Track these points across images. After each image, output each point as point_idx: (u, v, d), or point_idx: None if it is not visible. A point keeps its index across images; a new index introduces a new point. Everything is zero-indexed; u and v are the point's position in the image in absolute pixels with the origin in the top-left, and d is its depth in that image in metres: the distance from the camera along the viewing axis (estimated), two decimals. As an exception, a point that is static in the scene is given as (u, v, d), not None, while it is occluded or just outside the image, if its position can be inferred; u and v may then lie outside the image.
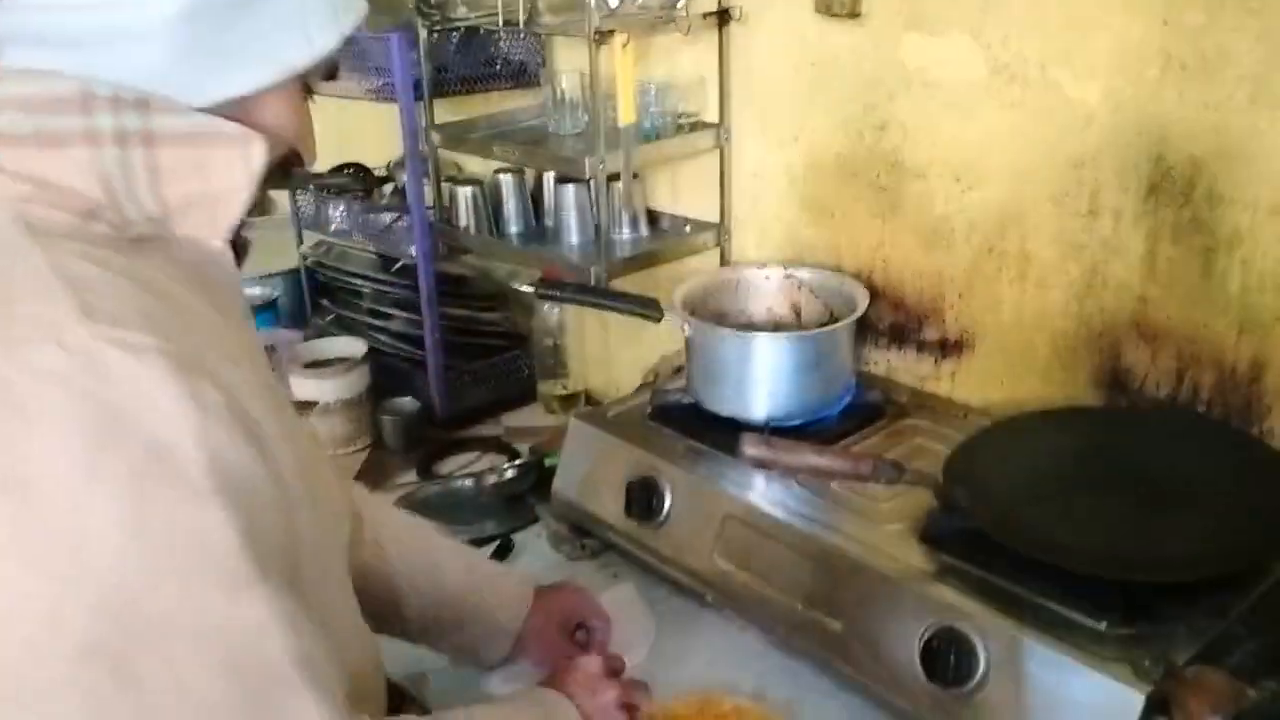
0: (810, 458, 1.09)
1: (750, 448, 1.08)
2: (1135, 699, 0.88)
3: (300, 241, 2.00)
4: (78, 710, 0.60)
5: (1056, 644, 0.94)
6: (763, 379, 1.30)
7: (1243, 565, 1.01)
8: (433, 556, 1.09)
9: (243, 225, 0.76)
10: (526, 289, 1.36)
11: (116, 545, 0.60)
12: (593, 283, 1.47)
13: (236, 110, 0.72)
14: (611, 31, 1.38)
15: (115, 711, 0.60)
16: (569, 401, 1.79)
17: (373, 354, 1.74)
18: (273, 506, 0.67)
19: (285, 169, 0.78)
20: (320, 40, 0.74)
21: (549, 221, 1.68)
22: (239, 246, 0.77)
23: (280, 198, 2.46)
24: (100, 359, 0.61)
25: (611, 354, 1.88)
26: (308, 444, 0.80)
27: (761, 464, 1.10)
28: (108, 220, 0.70)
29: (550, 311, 1.79)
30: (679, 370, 1.52)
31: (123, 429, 0.60)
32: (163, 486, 0.61)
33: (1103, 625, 0.95)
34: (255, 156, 0.72)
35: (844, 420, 1.34)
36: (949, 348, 1.41)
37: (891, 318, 1.45)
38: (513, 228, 1.70)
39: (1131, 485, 1.11)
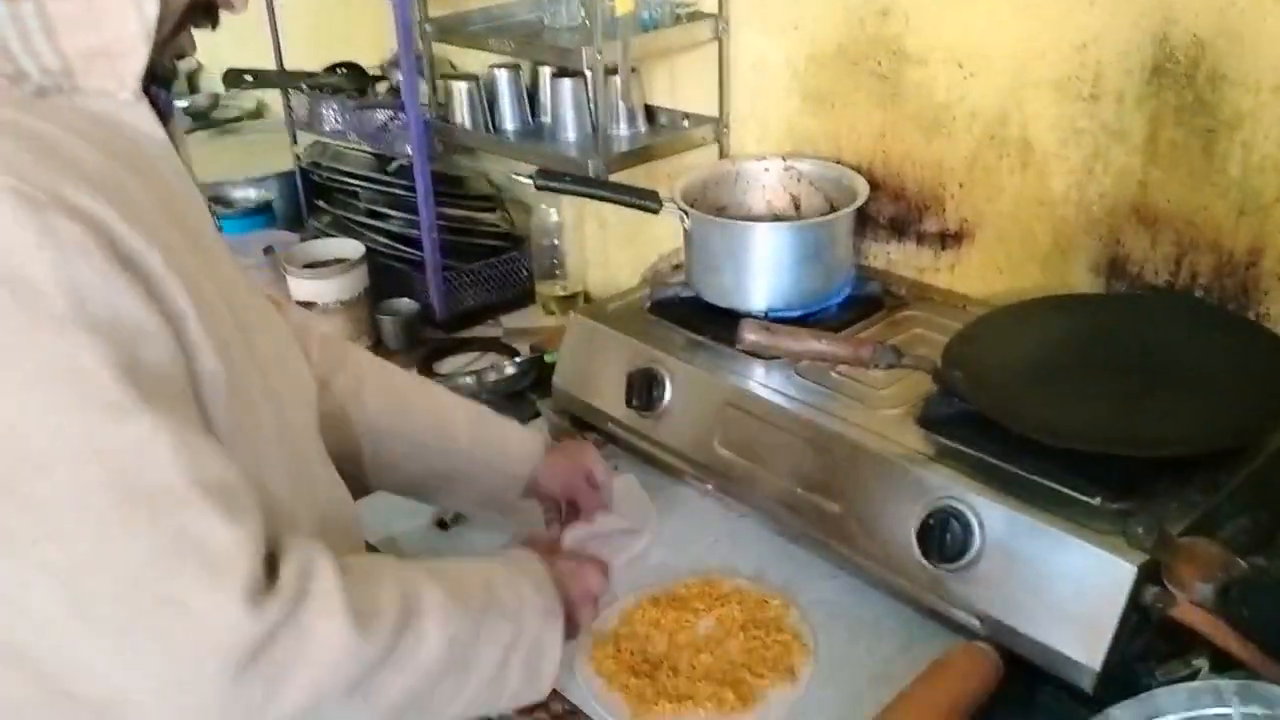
0: (809, 343, 1.09)
1: (750, 333, 1.09)
2: (1128, 569, 0.91)
3: (294, 143, 1.98)
4: None
5: (1051, 519, 0.95)
6: (762, 270, 1.30)
7: (1234, 442, 1.02)
8: (442, 414, 1.11)
9: (163, 83, 0.77)
10: (525, 180, 1.35)
11: None
12: (590, 176, 1.46)
13: None
14: (607, -83, 1.35)
15: (16, 529, 0.63)
16: (567, 302, 1.80)
17: (370, 255, 1.74)
18: (156, 339, 0.68)
19: (210, 10, 0.78)
20: None
21: (545, 118, 1.66)
22: (158, 104, 0.77)
23: (273, 100, 2.44)
24: None
25: (610, 255, 1.87)
26: (246, 298, 0.82)
27: (761, 349, 1.11)
28: (2, 73, 0.71)
29: (548, 211, 1.78)
30: (678, 267, 1.52)
31: None
32: (23, 318, 0.63)
33: (1097, 500, 0.97)
34: (148, 4, 0.72)
35: (843, 311, 1.34)
36: (949, 239, 1.41)
37: (892, 210, 1.45)
38: (509, 125, 1.68)
39: (1128, 368, 1.12)
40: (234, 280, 0.82)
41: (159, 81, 0.77)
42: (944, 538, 0.99)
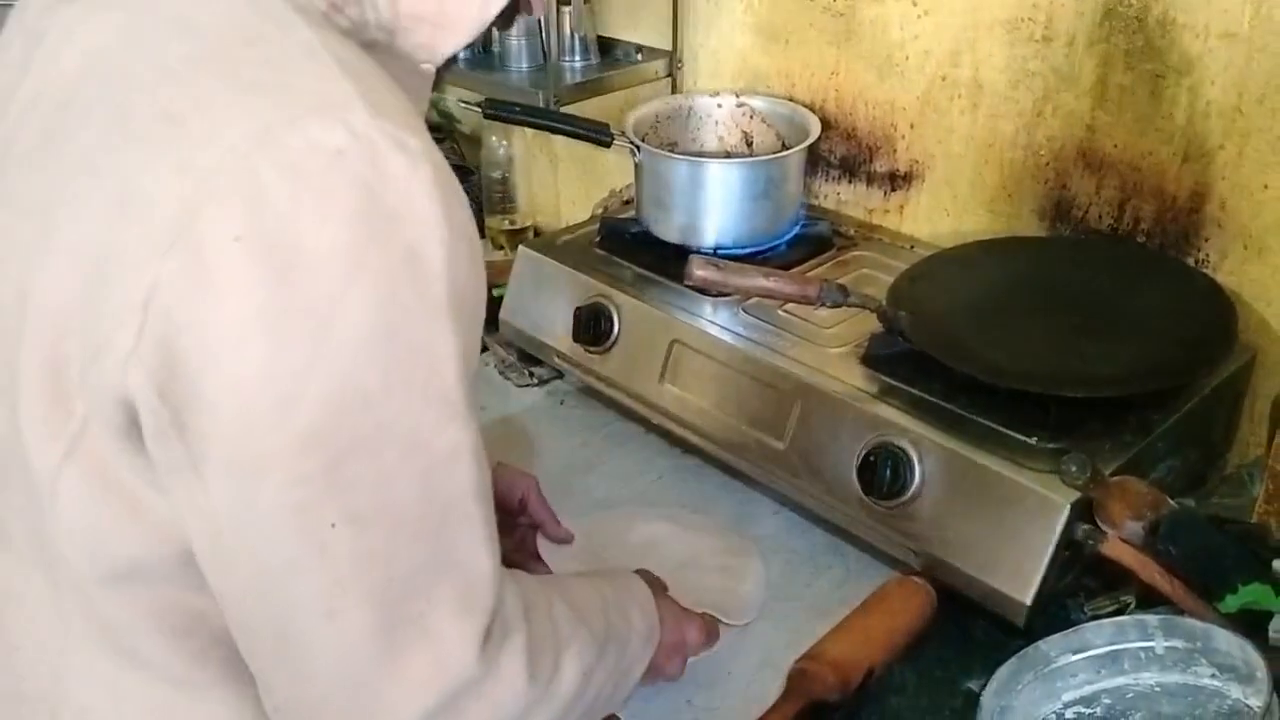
0: (757, 280, 1.09)
1: (699, 269, 1.08)
2: (1061, 506, 0.92)
3: (237, 68, 1.93)
4: (289, 498, 0.58)
5: (988, 457, 0.97)
6: (713, 206, 1.30)
7: (1166, 384, 1.04)
8: None
9: (449, 60, 0.74)
10: (474, 108, 1.32)
11: (361, 341, 0.58)
12: (541, 106, 1.44)
13: None
14: None
15: (323, 507, 0.59)
16: (516, 236, 1.77)
17: (316, 184, 1.70)
18: (476, 338, 0.66)
19: (510, 14, 0.76)
20: None
21: (496, 48, 1.63)
22: (437, 79, 0.75)
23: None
24: (382, 151, 0.58)
25: (560, 189, 1.86)
26: None
27: (709, 285, 1.10)
28: (349, 17, 0.67)
29: (498, 145, 1.76)
30: (628, 203, 1.51)
31: (390, 229, 0.58)
32: (412, 296, 0.59)
33: (1033, 440, 0.99)
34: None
35: (792, 250, 1.34)
36: (898, 180, 1.41)
37: (843, 149, 1.45)
38: (460, 53, 1.64)
39: (1068, 311, 1.14)
40: None
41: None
42: (884, 474, 1.00)
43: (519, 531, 1.07)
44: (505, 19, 0.76)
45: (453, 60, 0.75)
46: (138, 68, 0.63)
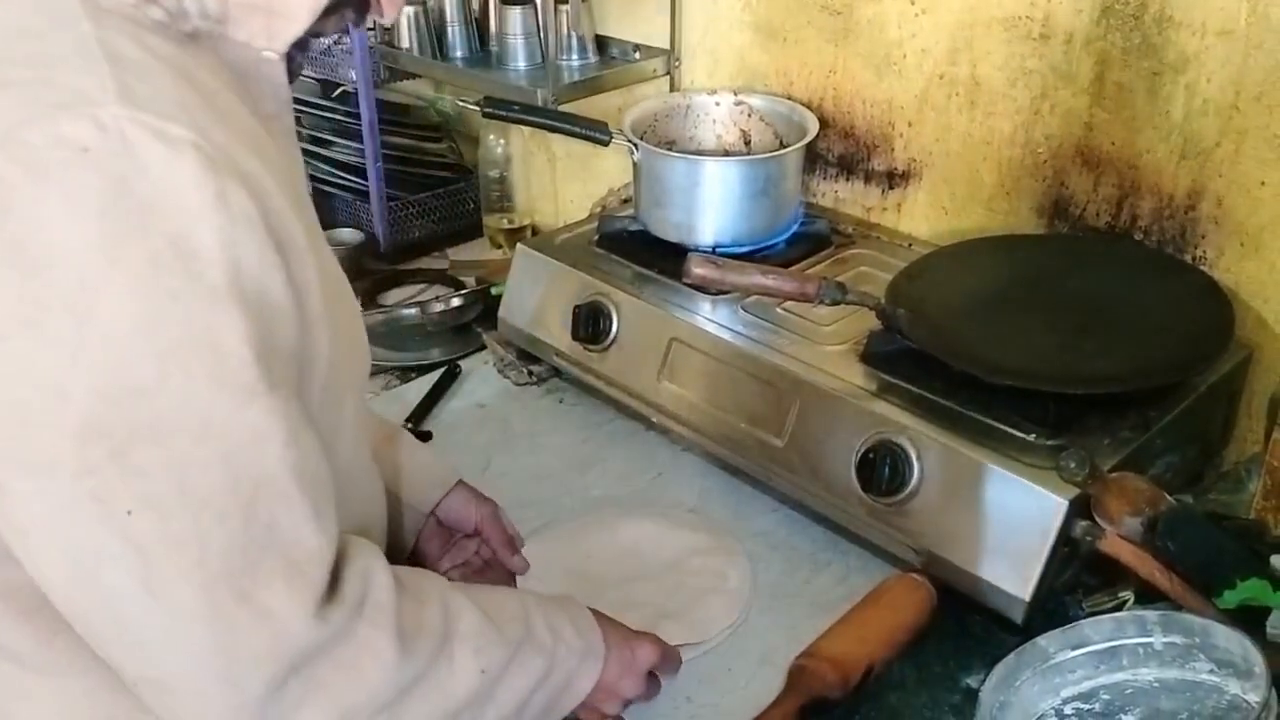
0: (756, 278, 1.09)
1: (697, 267, 1.08)
2: (1059, 503, 0.93)
3: (235, 67, 1.92)
4: (81, 489, 0.60)
5: (987, 454, 0.97)
6: (711, 204, 1.30)
7: (1164, 381, 1.05)
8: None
9: (302, 46, 0.74)
10: (472, 107, 1.32)
11: (125, 333, 0.59)
12: (539, 105, 1.44)
13: None
14: None
15: (116, 495, 0.60)
16: (515, 235, 1.77)
17: (313, 184, 1.70)
18: (288, 320, 0.65)
19: (360, 10, 0.76)
20: None
21: (494, 46, 1.63)
22: (292, 66, 0.74)
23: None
24: (135, 144, 0.58)
25: (558, 188, 1.85)
26: (336, 269, 0.78)
27: (708, 283, 1.11)
28: (164, 7, 0.67)
29: (496, 143, 1.75)
30: (626, 201, 1.51)
31: (148, 219, 0.58)
32: (180, 284, 0.59)
33: (1032, 436, 0.99)
34: None
35: (790, 248, 1.34)
36: (896, 178, 1.41)
37: (841, 148, 1.45)
38: (457, 52, 1.64)
39: (1066, 308, 1.14)
40: (320, 236, 0.77)
41: (297, 45, 0.73)
42: (883, 471, 1.01)
43: (473, 552, 1.03)
44: (357, 14, 0.76)
45: (304, 49, 0.75)
46: None
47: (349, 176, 1.76)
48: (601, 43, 1.61)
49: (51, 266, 0.58)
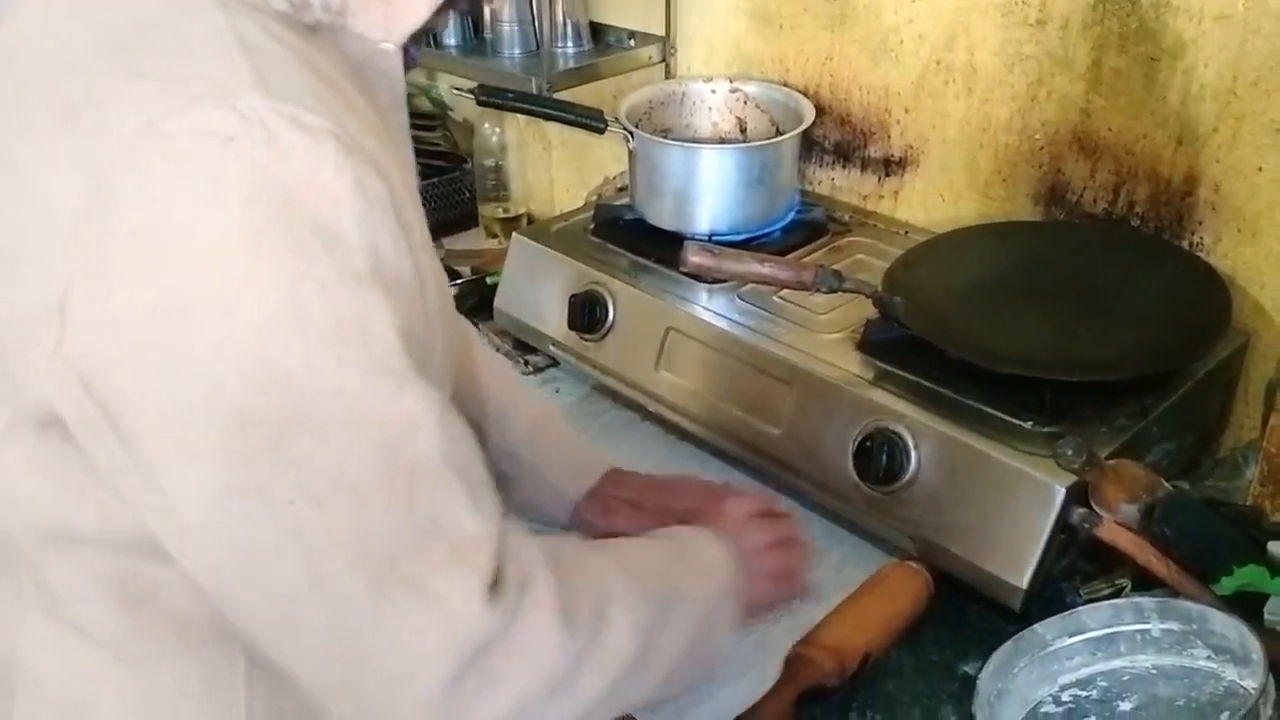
0: (752, 266, 1.09)
1: (693, 255, 1.08)
2: (1056, 490, 0.93)
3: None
4: (241, 480, 0.59)
5: (983, 442, 0.97)
6: (707, 192, 1.29)
7: (1161, 368, 1.04)
8: (504, 399, 1.04)
9: (418, 39, 0.74)
10: (467, 95, 1.32)
11: (273, 321, 0.58)
12: (534, 93, 1.43)
13: None
14: None
15: (274, 485, 0.59)
16: (510, 224, 1.77)
17: (308, 173, 1.69)
18: (419, 309, 0.65)
19: (475, 1, 0.76)
20: None
21: (488, 34, 1.62)
22: (407, 60, 0.74)
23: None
24: (276, 133, 0.58)
25: (554, 176, 1.85)
26: (440, 267, 0.77)
27: (704, 272, 1.10)
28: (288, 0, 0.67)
29: (491, 131, 1.75)
30: (622, 190, 1.50)
31: (291, 207, 0.58)
32: (326, 271, 0.59)
33: (1029, 424, 0.99)
34: None
35: (787, 236, 1.34)
36: (893, 165, 1.40)
37: (837, 135, 1.44)
38: (451, 40, 1.63)
39: (1064, 295, 1.14)
40: (426, 228, 0.77)
41: (412, 38, 0.73)
42: (880, 460, 1.00)
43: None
44: (472, 3, 0.76)
45: (428, 39, 0.75)
46: (43, 59, 0.63)
47: (343, 166, 1.75)
48: (596, 30, 1.60)
49: (198, 258, 0.57)
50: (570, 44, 1.57)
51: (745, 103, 1.44)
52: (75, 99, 0.60)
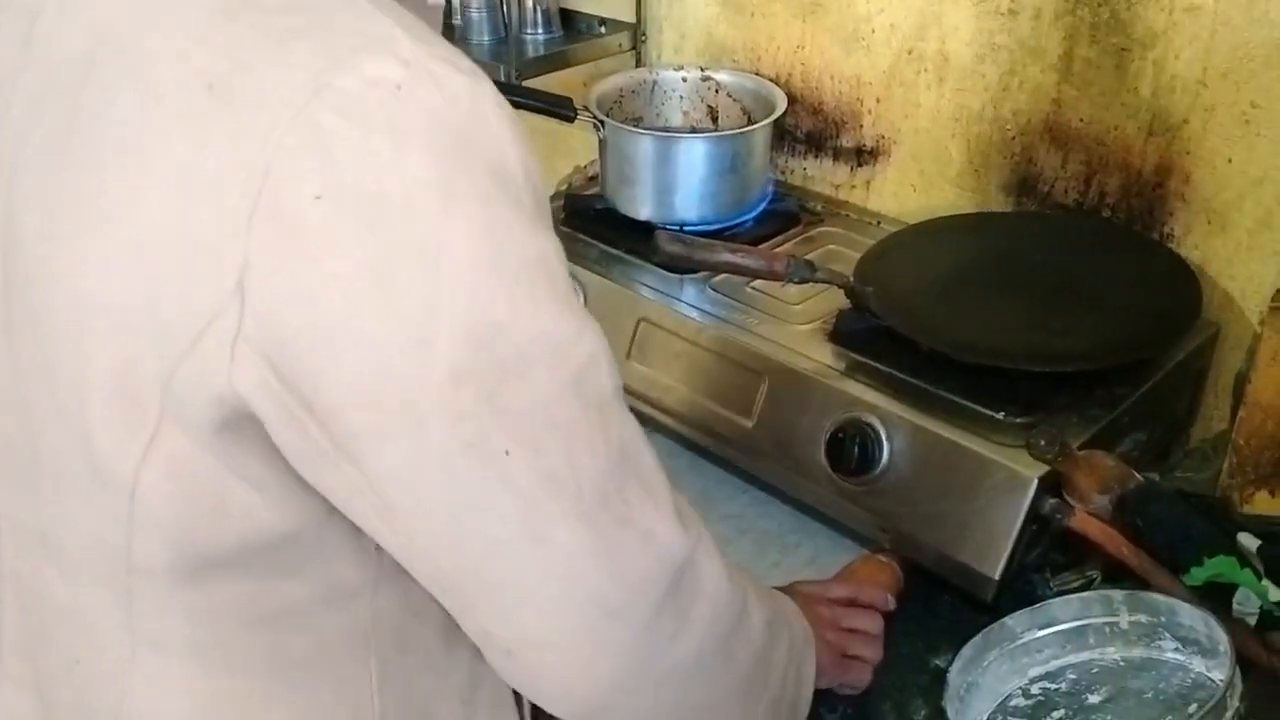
0: (724, 255, 1.08)
1: (665, 245, 1.07)
2: (1028, 481, 0.92)
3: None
4: (457, 437, 0.56)
5: (955, 433, 0.97)
6: (678, 182, 1.28)
7: (1132, 359, 1.04)
8: None
9: None
10: (433, 84, 1.30)
11: (477, 270, 0.56)
12: (502, 81, 1.41)
13: None
14: None
15: (491, 437, 0.57)
16: (481, 213, 1.75)
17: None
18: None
19: None
20: None
21: (456, 20, 1.60)
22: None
23: None
24: (441, 77, 0.55)
25: (524, 165, 1.83)
26: None
27: (676, 261, 1.09)
28: None
29: (460, 119, 1.73)
30: (593, 179, 1.49)
31: (468, 151, 0.56)
32: (507, 211, 0.57)
33: (1001, 415, 0.99)
34: None
35: (759, 226, 1.33)
36: (865, 155, 1.40)
37: (809, 124, 1.44)
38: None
39: (1035, 286, 1.14)
40: None
41: None
42: (852, 451, 1.00)
43: None
44: None
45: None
46: (154, 36, 0.58)
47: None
48: (566, 16, 1.59)
49: (394, 214, 0.54)
50: (540, 31, 1.55)
51: (717, 91, 1.43)
52: (216, 72, 0.56)
